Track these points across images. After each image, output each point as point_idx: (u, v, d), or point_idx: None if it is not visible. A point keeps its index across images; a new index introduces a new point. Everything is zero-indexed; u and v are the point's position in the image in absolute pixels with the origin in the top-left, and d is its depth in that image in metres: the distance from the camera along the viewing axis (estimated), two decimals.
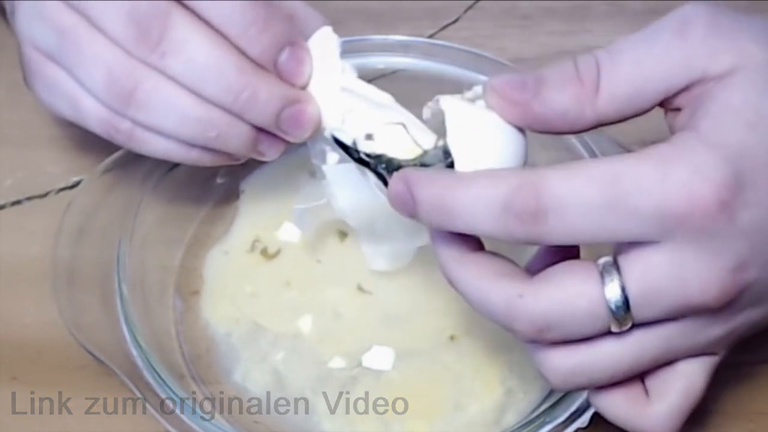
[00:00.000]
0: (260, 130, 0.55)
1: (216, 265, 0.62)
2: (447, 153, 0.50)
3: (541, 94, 0.48)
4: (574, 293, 0.46)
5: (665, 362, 0.49)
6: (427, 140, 0.52)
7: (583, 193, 0.45)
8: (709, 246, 0.45)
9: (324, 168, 0.57)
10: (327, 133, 0.55)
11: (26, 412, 0.58)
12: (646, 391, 0.50)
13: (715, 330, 0.48)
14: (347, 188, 0.56)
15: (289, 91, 0.54)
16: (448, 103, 0.50)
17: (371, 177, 0.53)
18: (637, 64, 0.48)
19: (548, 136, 0.61)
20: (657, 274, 0.46)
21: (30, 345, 0.60)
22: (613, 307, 0.46)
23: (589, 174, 0.46)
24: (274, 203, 0.63)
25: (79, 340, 0.56)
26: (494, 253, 0.49)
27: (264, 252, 0.62)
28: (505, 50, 0.71)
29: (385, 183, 0.52)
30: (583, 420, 0.53)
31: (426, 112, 0.52)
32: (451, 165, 0.50)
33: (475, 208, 0.47)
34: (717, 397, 0.57)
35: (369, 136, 0.53)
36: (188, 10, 0.53)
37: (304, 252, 0.62)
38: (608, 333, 0.47)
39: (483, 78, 0.64)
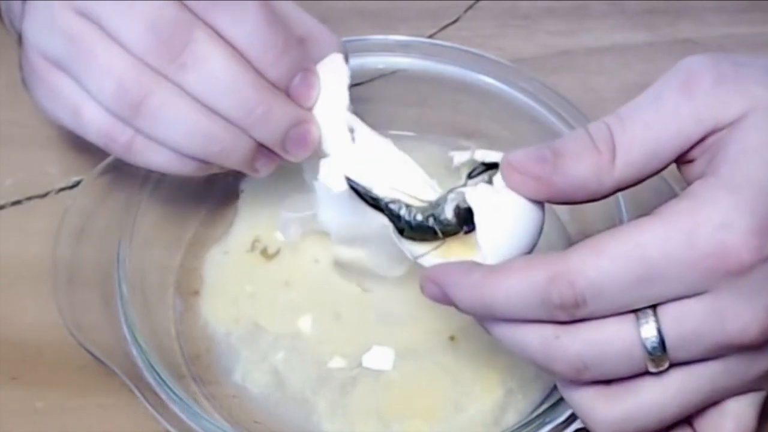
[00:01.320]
0: (260, 146, 0.56)
1: (216, 265, 0.62)
2: (457, 206, 0.52)
3: (560, 167, 0.48)
4: (609, 334, 0.46)
5: (711, 403, 0.49)
6: (429, 190, 0.54)
7: (614, 275, 0.45)
8: (746, 288, 0.45)
9: (315, 184, 0.58)
10: (327, 160, 0.56)
11: (26, 412, 0.58)
12: None
13: (760, 365, 0.48)
14: (335, 207, 0.57)
15: (297, 111, 0.55)
16: (474, 196, 0.51)
17: (389, 224, 0.54)
18: (648, 127, 0.48)
19: (550, 136, 0.62)
20: (694, 319, 0.46)
21: (30, 345, 0.60)
22: (649, 348, 0.46)
23: (616, 253, 0.46)
24: (274, 203, 0.63)
25: (79, 340, 0.56)
26: None
27: (264, 252, 0.62)
28: (505, 50, 0.71)
29: (399, 230, 0.53)
30: None
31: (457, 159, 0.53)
32: (464, 216, 0.51)
33: (514, 304, 0.47)
34: None
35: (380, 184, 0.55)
36: (210, 28, 0.53)
37: (303, 252, 0.62)
38: (649, 375, 0.47)
39: (483, 78, 0.64)
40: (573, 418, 0.53)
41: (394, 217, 0.54)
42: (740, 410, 0.49)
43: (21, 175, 0.67)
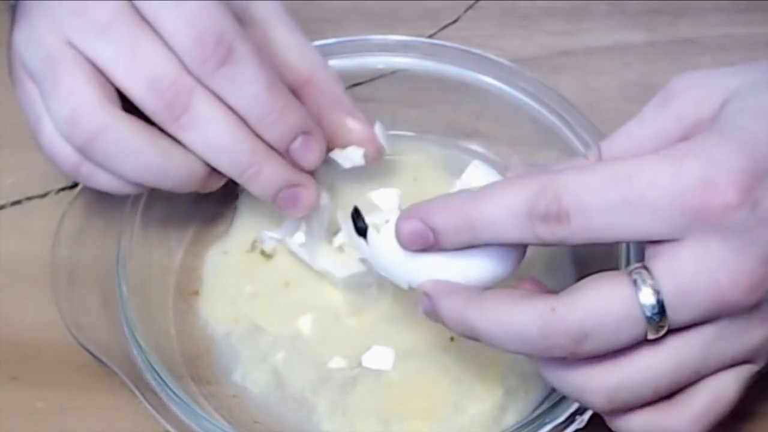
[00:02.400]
0: (212, 170, 0.56)
1: (215, 265, 0.62)
2: None
3: (547, 167, 0.52)
4: (608, 300, 0.46)
5: (708, 373, 0.48)
6: None
7: (600, 192, 0.46)
8: (736, 238, 0.45)
9: (288, 241, 0.60)
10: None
11: (26, 412, 0.58)
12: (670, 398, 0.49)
13: (752, 334, 0.48)
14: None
15: (292, 174, 0.57)
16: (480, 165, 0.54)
17: (364, 248, 0.54)
18: (630, 133, 0.51)
19: (550, 136, 0.62)
20: (687, 271, 0.46)
21: (30, 345, 0.60)
22: (648, 311, 0.46)
23: (605, 173, 0.46)
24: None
25: (79, 340, 0.57)
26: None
27: (263, 252, 0.62)
28: (505, 50, 0.71)
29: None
30: (582, 420, 0.53)
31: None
32: None
33: (501, 217, 0.48)
34: None
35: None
36: (210, 91, 0.53)
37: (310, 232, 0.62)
38: (645, 344, 0.47)
39: (483, 78, 0.64)
40: (573, 418, 0.53)
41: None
42: (723, 379, 0.49)
43: (21, 175, 0.67)
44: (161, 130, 0.54)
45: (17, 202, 0.66)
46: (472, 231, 0.48)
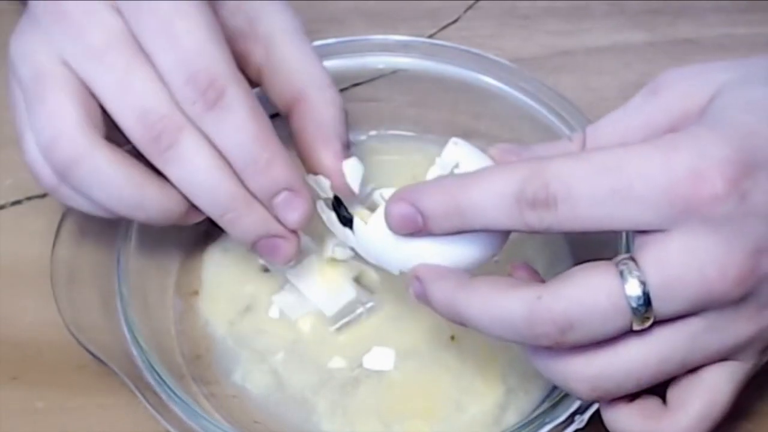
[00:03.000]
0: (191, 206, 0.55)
1: (216, 264, 0.62)
2: None
3: (531, 149, 0.52)
4: (594, 290, 0.46)
5: (693, 367, 0.48)
6: None
7: (589, 181, 0.46)
8: (724, 229, 0.45)
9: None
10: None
11: (26, 412, 0.58)
12: (666, 404, 0.49)
13: (741, 327, 0.47)
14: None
15: (272, 225, 0.55)
16: (460, 142, 0.53)
17: (350, 237, 0.54)
18: (616, 121, 0.52)
19: (550, 136, 0.62)
20: (674, 263, 0.46)
21: (30, 345, 0.60)
22: (633, 303, 0.46)
23: (594, 161, 0.47)
24: None
25: (79, 340, 0.56)
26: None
27: None
28: (505, 50, 0.71)
29: None
30: (582, 420, 0.53)
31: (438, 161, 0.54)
32: None
33: (489, 202, 0.48)
34: None
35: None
36: (198, 130, 0.52)
37: (303, 252, 0.62)
38: (630, 335, 0.47)
39: (483, 78, 0.64)
40: (573, 418, 0.53)
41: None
42: (716, 378, 0.49)
43: (21, 175, 0.66)
44: (143, 159, 0.53)
45: (17, 202, 0.66)
46: (461, 216, 0.48)
